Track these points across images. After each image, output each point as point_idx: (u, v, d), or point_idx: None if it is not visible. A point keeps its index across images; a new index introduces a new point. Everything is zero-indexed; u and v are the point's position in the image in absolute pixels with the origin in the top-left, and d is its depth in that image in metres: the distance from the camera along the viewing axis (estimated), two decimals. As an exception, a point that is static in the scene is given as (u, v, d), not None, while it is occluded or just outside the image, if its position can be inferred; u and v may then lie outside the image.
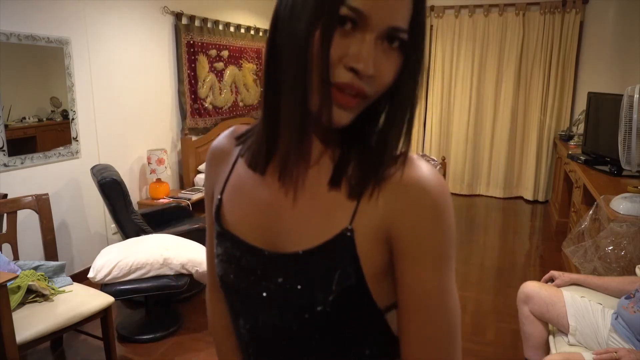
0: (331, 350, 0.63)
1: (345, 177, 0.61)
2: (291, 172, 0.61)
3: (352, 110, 0.56)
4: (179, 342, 2.57)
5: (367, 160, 0.60)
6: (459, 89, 5.55)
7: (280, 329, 0.64)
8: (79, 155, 3.27)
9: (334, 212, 0.60)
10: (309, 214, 0.62)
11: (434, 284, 0.58)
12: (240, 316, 0.69)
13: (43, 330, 1.95)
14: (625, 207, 2.22)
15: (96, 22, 3.33)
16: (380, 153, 0.59)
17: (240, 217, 0.66)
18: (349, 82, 0.54)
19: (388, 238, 0.59)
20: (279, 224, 0.63)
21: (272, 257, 0.62)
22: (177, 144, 4.29)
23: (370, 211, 0.59)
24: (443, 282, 0.59)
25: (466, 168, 5.65)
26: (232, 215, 0.67)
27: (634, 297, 1.72)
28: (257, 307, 0.65)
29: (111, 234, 3.56)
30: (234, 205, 0.67)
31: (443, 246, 0.58)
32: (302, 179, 0.62)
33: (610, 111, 3.05)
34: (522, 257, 3.81)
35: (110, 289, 2.38)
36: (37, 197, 2.43)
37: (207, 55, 4.42)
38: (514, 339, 2.52)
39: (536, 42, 5.17)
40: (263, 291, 0.63)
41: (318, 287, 0.59)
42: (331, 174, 0.62)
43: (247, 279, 0.65)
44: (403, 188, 0.58)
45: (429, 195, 0.57)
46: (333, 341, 0.63)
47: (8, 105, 2.78)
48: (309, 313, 0.60)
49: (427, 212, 0.57)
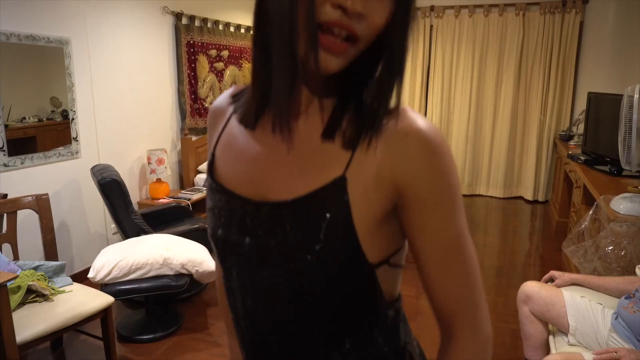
0: (323, 313, 0.63)
1: (339, 130, 0.61)
2: (281, 124, 0.61)
3: (340, 55, 0.55)
4: (179, 342, 2.57)
5: (362, 113, 0.60)
6: (459, 89, 5.55)
7: (271, 290, 0.63)
8: (79, 155, 3.27)
9: (327, 163, 0.60)
10: (301, 165, 0.61)
11: (452, 229, 0.60)
12: (231, 277, 0.68)
13: (43, 330, 1.95)
14: (625, 207, 2.22)
15: (96, 22, 3.33)
16: (375, 105, 0.59)
17: (232, 171, 0.66)
18: (337, 20, 0.53)
19: (392, 189, 0.59)
20: (270, 176, 0.62)
21: (261, 207, 0.62)
22: (177, 144, 4.29)
23: (367, 161, 0.59)
24: (459, 226, 0.61)
25: (466, 168, 5.65)
26: (223, 169, 0.68)
27: (633, 297, 1.71)
28: (247, 260, 0.64)
29: (111, 234, 3.56)
30: (226, 160, 0.68)
31: (454, 190, 0.60)
32: (293, 131, 0.62)
33: (610, 111, 3.05)
34: (522, 257, 3.81)
35: (110, 289, 2.38)
36: (37, 197, 2.43)
37: (207, 55, 4.42)
38: (514, 339, 2.52)
39: (536, 42, 5.17)
40: (252, 242, 0.62)
41: (306, 236, 0.59)
42: (325, 126, 0.61)
43: (237, 231, 0.64)
44: (403, 138, 0.58)
45: (431, 143, 0.58)
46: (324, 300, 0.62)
47: (8, 105, 2.78)
48: (296, 263, 0.59)
49: (432, 160, 0.58)
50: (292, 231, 0.59)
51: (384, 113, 0.59)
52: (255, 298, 0.66)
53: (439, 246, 0.60)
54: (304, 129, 0.62)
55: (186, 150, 4.20)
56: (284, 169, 0.62)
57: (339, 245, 0.59)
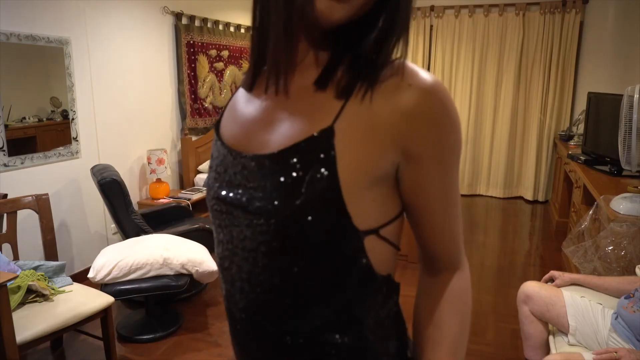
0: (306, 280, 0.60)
1: (333, 79, 0.59)
2: (277, 75, 0.61)
3: (346, 3, 0.54)
4: (179, 342, 2.57)
5: (358, 63, 0.58)
6: (459, 89, 5.55)
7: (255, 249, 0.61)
8: (79, 155, 3.27)
9: (317, 113, 0.58)
10: (292, 117, 0.60)
11: (452, 184, 0.62)
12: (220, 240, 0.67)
13: (43, 330, 1.94)
14: (625, 207, 2.22)
15: (96, 22, 3.33)
16: (373, 57, 0.57)
17: (231, 129, 0.67)
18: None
19: (389, 144, 0.56)
20: (263, 130, 0.62)
21: (250, 160, 0.61)
22: (177, 144, 4.29)
23: (361, 113, 0.56)
24: (456, 178, 0.62)
25: (466, 168, 5.65)
26: (225, 129, 0.69)
27: (633, 297, 1.71)
28: (235, 217, 0.62)
29: (111, 234, 3.56)
30: (227, 120, 0.70)
31: (457, 146, 0.59)
32: (288, 83, 0.61)
33: (610, 111, 3.05)
34: (522, 257, 3.81)
35: (110, 289, 2.38)
36: (37, 197, 2.42)
37: (207, 55, 4.42)
38: (514, 339, 2.51)
39: (536, 42, 5.17)
40: (240, 196, 0.61)
41: (287, 190, 0.56)
42: (318, 75, 0.60)
43: (228, 186, 0.63)
44: (404, 90, 0.55)
45: (435, 96, 0.56)
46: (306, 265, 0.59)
47: (8, 105, 2.78)
48: (278, 218, 0.57)
49: (436, 114, 0.56)
50: (274, 184, 0.57)
51: (383, 64, 0.57)
52: (241, 259, 0.63)
53: (440, 200, 0.61)
54: (298, 82, 0.62)
55: (186, 150, 4.20)
56: (277, 122, 0.61)
57: (321, 203, 0.55)
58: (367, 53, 0.58)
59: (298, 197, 0.55)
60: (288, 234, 0.58)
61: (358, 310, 0.62)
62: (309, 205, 0.55)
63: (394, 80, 0.56)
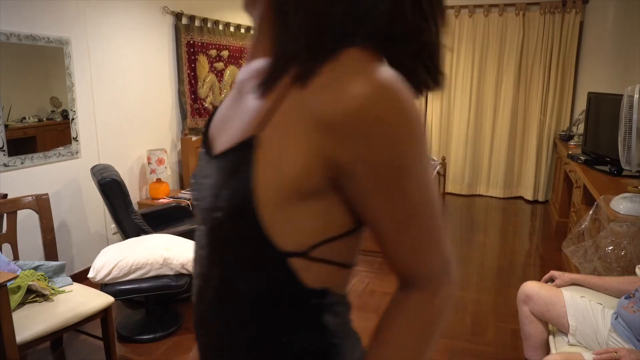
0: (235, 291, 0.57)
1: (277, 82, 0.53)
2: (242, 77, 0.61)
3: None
4: (179, 342, 2.57)
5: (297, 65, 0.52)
6: (459, 89, 5.55)
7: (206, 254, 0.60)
8: (79, 155, 3.27)
9: (251, 118, 0.54)
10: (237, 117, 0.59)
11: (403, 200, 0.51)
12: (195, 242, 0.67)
13: (43, 330, 1.94)
14: (625, 207, 2.22)
15: (96, 22, 3.33)
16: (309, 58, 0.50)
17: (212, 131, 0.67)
18: None
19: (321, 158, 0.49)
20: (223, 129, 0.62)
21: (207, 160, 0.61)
22: (177, 144, 4.29)
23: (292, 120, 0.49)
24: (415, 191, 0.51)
25: (466, 168, 5.65)
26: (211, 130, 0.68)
27: (633, 297, 1.71)
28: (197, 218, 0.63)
29: (111, 234, 3.56)
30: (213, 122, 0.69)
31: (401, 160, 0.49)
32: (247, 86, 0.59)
33: (610, 111, 3.05)
34: (522, 257, 3.81)
35: (110, 289, 2.38)
36: (37, 197, 2.42)
37: (207, 55, 4.42)
38: (514, 339, 2.51)
39: (536, 42, 5.17)
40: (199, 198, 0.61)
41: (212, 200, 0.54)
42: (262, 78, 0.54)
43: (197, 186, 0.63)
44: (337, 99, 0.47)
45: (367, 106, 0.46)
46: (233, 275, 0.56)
47: (8, 105, 2.78)
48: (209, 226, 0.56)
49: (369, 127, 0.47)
50: (208, 190, 0.56)
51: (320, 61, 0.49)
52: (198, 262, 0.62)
53: (390, 216, 0.52)
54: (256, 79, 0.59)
55: (186, 150, 4.20)
56: (229, 120, 0.61)
57: (237, 217, 0.51)
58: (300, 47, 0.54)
59: (217, 210, 0.53)
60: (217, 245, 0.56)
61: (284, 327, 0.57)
62: (226, 220, 0.53)
63: (328, 83, 0.48)
